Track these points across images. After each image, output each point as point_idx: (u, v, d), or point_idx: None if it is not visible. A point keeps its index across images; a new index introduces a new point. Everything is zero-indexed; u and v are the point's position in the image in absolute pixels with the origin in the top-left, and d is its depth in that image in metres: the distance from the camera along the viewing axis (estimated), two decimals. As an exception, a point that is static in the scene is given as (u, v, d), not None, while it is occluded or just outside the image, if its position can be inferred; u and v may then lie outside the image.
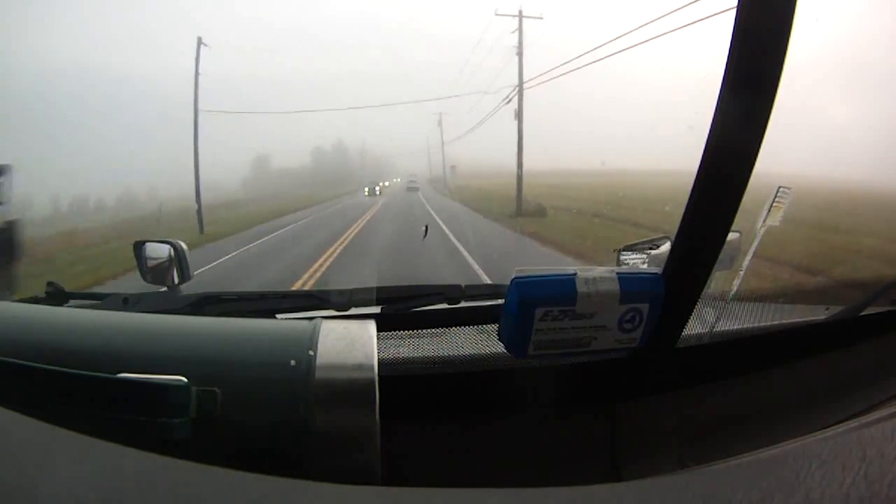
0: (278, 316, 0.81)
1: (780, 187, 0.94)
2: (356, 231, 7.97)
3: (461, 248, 6.19)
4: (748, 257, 0.95)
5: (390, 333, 0.84)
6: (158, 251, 1.15)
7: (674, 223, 0.71)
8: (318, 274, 5.03)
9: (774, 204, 0.94)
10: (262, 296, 0.93)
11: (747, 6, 0.57)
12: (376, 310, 0.88)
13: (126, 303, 0.88)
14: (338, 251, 6.21)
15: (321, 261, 5.59)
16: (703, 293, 0.75)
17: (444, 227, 7.80)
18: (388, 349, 0.81)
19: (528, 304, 0.65)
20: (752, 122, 0.60)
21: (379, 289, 0.90)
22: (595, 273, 0.67)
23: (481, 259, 5.46)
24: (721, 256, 0.70)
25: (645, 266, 1.00)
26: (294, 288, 4.32)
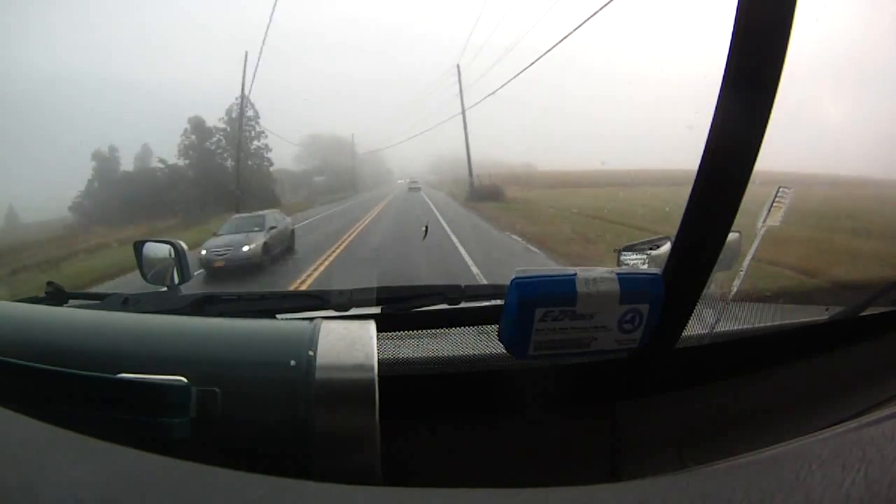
0: (278, 316, 0.81)
1: (780, 187, 0.94)
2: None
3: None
4: (748, 258, 0.95)
5: (390, 333, 0.84)
6: (158, 251, 1.15)
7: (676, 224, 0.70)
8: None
9: (774, 204, 0.94)
10: (262, 296, 0.93)
11: (747, 6, 0.57)
12: (376, 310, 0.88)
13: (126, 303, 0.88)
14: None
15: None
16: (703, 294, 0.75)
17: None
18: (388, 349, 0.81)
19: (528, 304, 0.65)
20: (752, 122, 0.60)
21: (379, 289, 0.89)
22: (595, 273, 0.67)
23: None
24: (721, 257, 0.70)
25: (645, 266, 1.00)
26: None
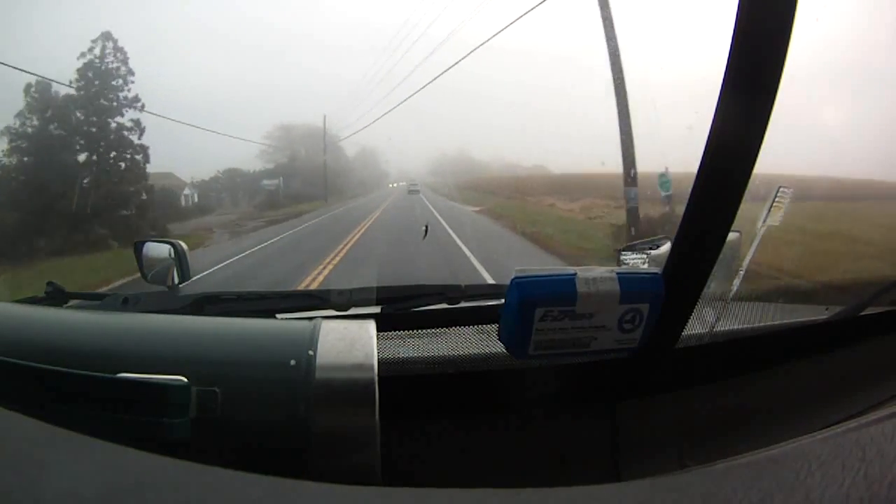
0: (278, 316, 0.81)
1: (780, 187, 0.94)
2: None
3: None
4: (748, 257, 0.95)
5: (390, 333, 0.84)
6: (158, 251, 1.15)
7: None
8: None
9: (774, 204, 0.94)
10: (262, 296, 0.93)
11: (747, 6, 0.57)
12: (376, 310, 0.88)
13: (126, 303, 0.88)
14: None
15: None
16: (703, 293, 0.75)
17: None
18: (388, 349, 0.81)
19: (528, 304, 0.65)
20: (752, 122, 0.60)
21: (379, 289, 0.89)
22: (595, 273, 0.67)
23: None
24: (721, 256, 0.70)
25: (645, 266, 1.00)
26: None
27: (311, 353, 0.51)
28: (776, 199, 0.94)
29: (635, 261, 1.02)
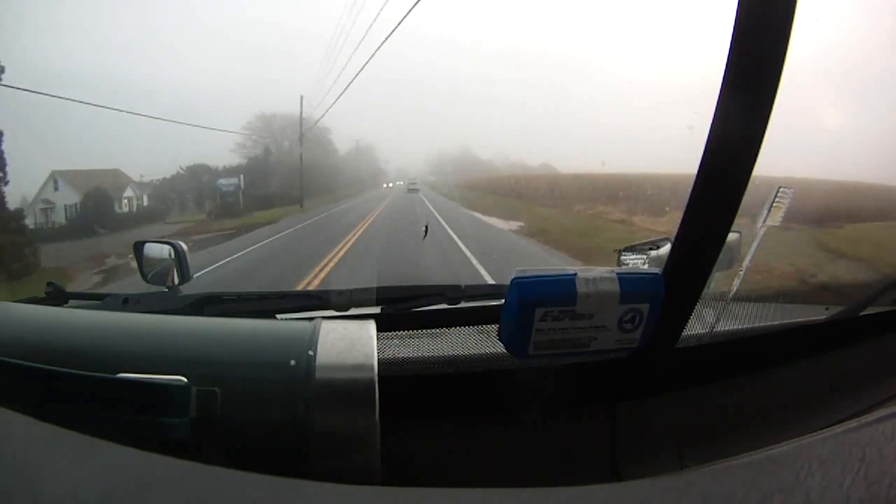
0: (278, 316, 0.81)
1: (780, 187, 0.94)
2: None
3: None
4: (748, 257, 0.95)
5: (390, 333, 0.84)
6: (158, 251, 1.15)
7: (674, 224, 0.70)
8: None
9: (774, 204, 0.94)
10: (262, 296, 0.93)
11: (747, 6, 0.57)
12: (376, 310, 0.88)
13: (126, 303, 0.88)
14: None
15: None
16: (703, 293, 0.75)
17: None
18: (388, 349, 0.81)
19: (528, 304, 0.65)
20: (752, 123, 0.60)
21: (379, 289, 0.90)
22: (595, 273, 0.67)
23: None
24: (721, 256, 0.70)
25: (645, 266, 1.00)
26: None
27: (311, 353, 0.51)
28: (776, 200, 0.94)
29: (635, 261, 1.02)
